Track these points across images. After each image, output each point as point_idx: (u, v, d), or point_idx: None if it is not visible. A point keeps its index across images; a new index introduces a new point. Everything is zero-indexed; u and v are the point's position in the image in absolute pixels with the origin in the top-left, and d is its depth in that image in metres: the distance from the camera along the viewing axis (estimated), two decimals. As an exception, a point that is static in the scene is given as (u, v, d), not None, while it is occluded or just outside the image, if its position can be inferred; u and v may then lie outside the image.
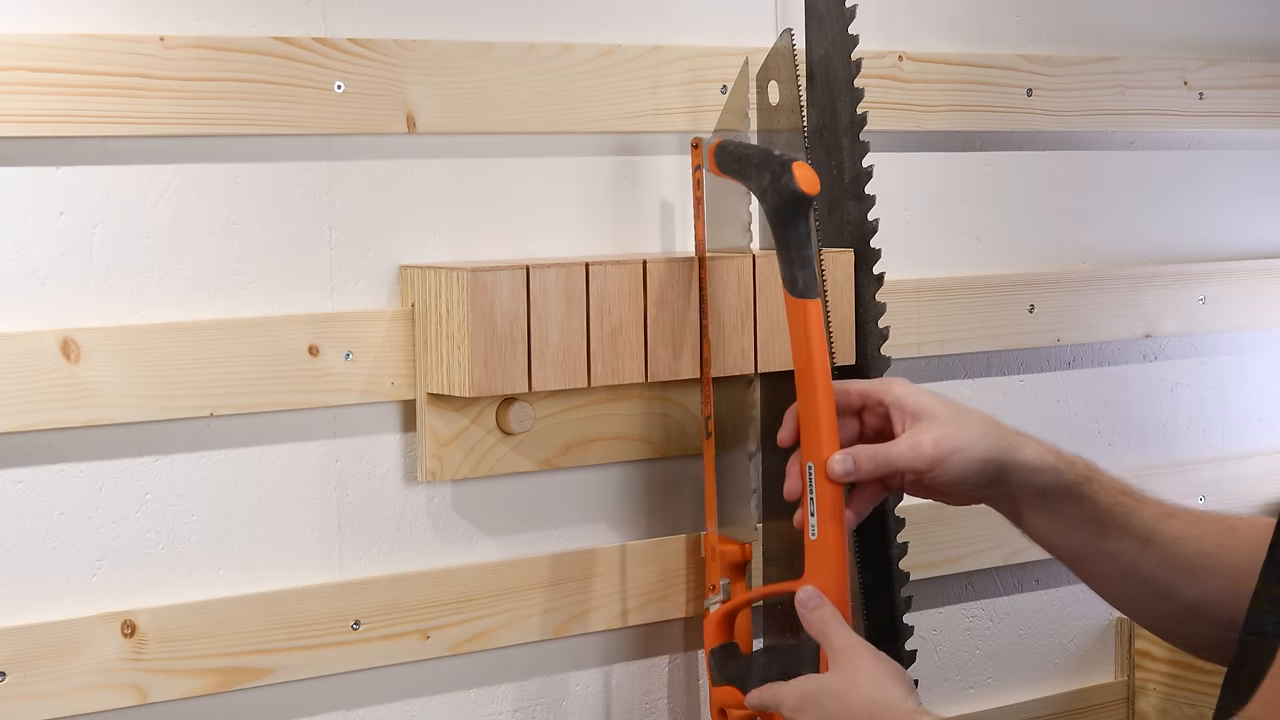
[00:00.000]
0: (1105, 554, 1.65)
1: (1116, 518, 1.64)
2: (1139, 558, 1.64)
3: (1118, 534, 1.64)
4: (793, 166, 1.60)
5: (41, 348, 1.49)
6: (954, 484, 1.63)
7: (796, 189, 1.60)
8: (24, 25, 1.49)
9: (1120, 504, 1.65)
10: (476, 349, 1.62)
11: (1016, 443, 1.64)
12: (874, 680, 1.56)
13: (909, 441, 1.62)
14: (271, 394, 1.60)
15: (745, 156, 1.66)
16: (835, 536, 1.61)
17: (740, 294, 1.76)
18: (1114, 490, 1.65)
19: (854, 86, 1.84)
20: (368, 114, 1.63)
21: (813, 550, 1.62)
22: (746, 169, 1.66)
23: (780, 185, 1.61)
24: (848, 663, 1.58)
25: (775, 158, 1.62)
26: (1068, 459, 1.65)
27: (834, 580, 1.61)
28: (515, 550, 1.75)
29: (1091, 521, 1.64)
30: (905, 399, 1.65)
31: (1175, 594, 1.64)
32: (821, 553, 1.61)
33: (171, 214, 1.57)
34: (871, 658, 1.58)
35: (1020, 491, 1.64)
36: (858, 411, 1.68)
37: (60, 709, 1.51)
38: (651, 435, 1.80)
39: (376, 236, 1.66)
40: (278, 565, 1.63)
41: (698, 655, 1.86)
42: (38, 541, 1.52)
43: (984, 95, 2.02)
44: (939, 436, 1.61)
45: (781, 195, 1.61)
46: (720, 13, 1.85)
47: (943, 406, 1.64)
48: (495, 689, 1.76)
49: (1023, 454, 1.63)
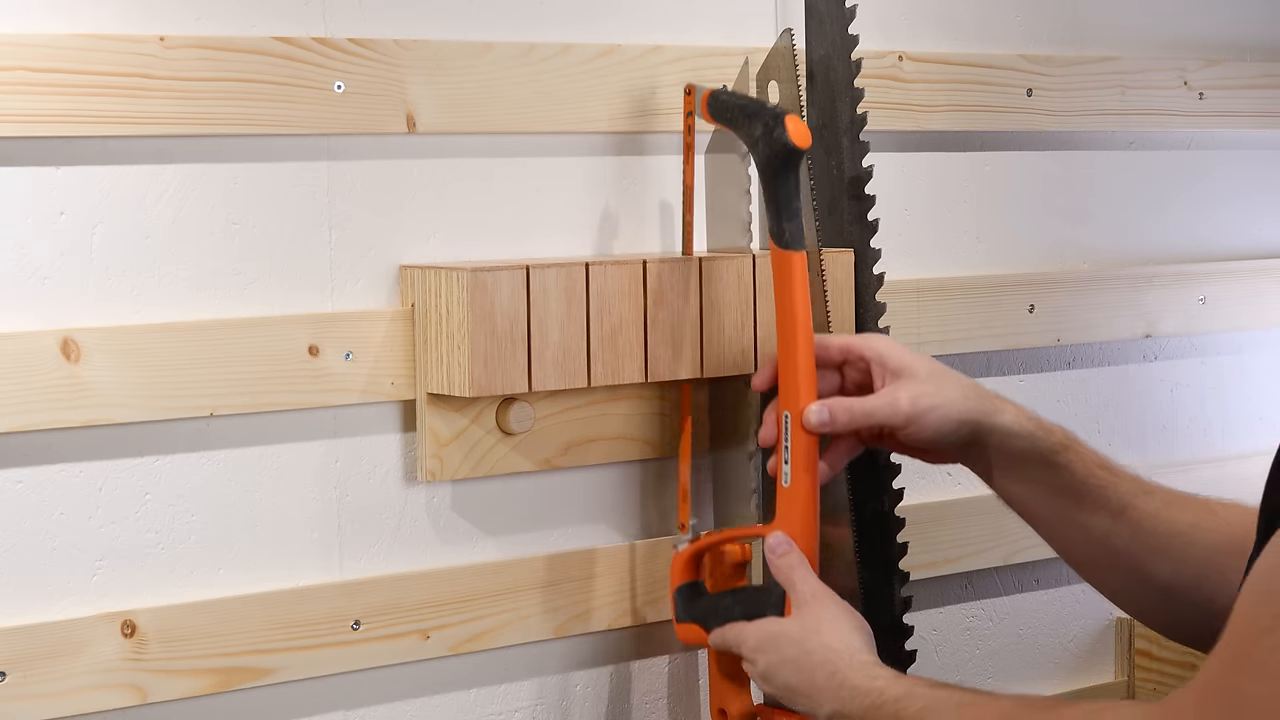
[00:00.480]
0: (1079, 525, 1.65)
1: (1092, 489, 1.64)
2: (1111, 531, 1.64)
3: (1092, 506, 1.64)
4: (785, 119, 1.61)
5: (41, 348, 1.49)
6: (930, 442, 1.64)
7: (788, 141, 1.61)
8: (24, 25, 1.49)
9: (1096, 476, 1.65)
10: (476, 349, 1.62)
11: (995, 406, 1.65)
12: (835, 629, 1.57)
13: (886, 397, 1.63)
14: (271, 394, 1.60)
15: (738, 106, 1.67)
16: (807, 485, 1.64)
17: (740, 294, 1.76)
18: (1091, 462, 1.66)
19: (854, 86, 1.84)
20: (368, 114, 1.63)
21: (784, 497, 1.64)
22: (738, 119, 1.67)
23: (772, 137, 1.62)
24: (811, 610, 1.59)
25: (768, 109, 1.63)
26: (1047, 426, 1.66)
27: (803, 528, 1.64)
28: (515, 550, 1.75)
29: (1067, 491, 1.65)
30: (887, 355, 1.66)
31: (1148, 571, 1.64)
32: (792, 500, 1.64)
33: (171, 214, 1.57)
34: (836, 607, 1.59)
35: (996, 455, 1.65)
36: (839, 366, 1.69)
37: (60, 709, 1.51)
38: (651, 435, 1.80)
39: (376, 236, 1.66)
40: (278, 565, 1.63)
41: (697, 655, 1.86)
42: (38, 541, 1.52)
43: (984, 95, 2.02)
44: (917, 394, 1.63)
45: (773, 147, 1.62)
46: (720, 13, 1.85)
47: (924, 365, 1.65)
48: (495, 689, 1.76)
49: (1001, 417, 1.64)
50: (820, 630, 1.57)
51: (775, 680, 1.59)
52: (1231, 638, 1.23)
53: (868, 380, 1.67)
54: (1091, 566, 1.69)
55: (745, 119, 1.65)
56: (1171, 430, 2.24)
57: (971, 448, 1.65)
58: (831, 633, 1.57)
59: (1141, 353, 2.22)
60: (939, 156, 2.02)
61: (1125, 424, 2.20)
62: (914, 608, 1.89)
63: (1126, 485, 1.65)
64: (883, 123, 1.92)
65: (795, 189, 1.63)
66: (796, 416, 1.63)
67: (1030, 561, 2.09)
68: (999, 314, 2.04)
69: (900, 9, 1.98)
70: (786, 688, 1.58)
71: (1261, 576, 1.22)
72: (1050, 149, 2.12)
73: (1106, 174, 2.17)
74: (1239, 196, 2.29)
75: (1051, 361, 2.14)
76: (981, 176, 2.06)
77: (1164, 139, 2.21)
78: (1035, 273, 2.08)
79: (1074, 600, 2.16)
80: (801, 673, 1.57)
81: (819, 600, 1.60)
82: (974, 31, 2.04)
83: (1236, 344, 2.29)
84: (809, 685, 1.56)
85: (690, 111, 1.75)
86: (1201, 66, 2.19)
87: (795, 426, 1.63)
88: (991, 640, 2.11)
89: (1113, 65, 2.12)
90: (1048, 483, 1.65)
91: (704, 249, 1.84)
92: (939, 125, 1.99)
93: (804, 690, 1.56)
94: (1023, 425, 1.65)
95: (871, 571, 1.85)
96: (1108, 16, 2.15)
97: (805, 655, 1.56)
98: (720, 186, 1.81)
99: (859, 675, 1.53)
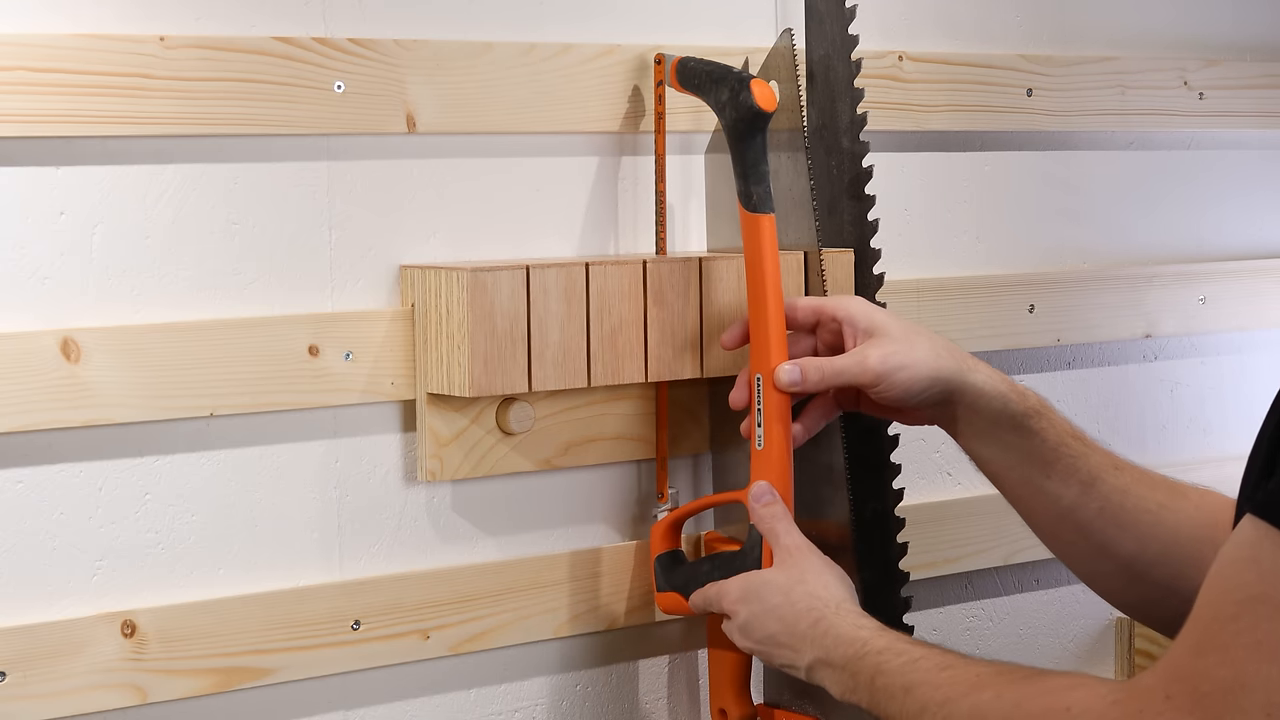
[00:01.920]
0: (1046, 494, 1.65)
1: (1062, 458, 1.64)
2: (1078, 503, 1.64)
3: (1060, 475, 1.65)
4: (750, 83, 1.63)
5: (41, 348, 1.49)
6: (900, 400, 1.65)
7: (754, 105, 1.63)
8: (24, 25, 1.49)
9: (1068, 445, 1.65)
10: (476, 349, 1.62)
11: (968, 365, 1.65)
12: (820, 578, 1.58)
13: (856, 356, 1.64)
14: (271, 394, 1.60)
15: (704, 72, 1.69)
16: (781, 446, 1.65)
17: (740, 294, 1.76)
18: (1064, 431, 1.66)
19: (854, 86, 1.84)
20: (368, 114, 1.63)
21: (759, 459, 1.66)
22: (705, 84, 1.68)
23: (738, 101, 1.63)
24: (795, 560, 1.60)
25: (734, 74, 1.65)
26: (1020, 390, 1.66)
27: (779, 490, 1.65)
28: (515, 550, 1.75)
29: (1036, 457, 1.65)
30: (858, 315, 1.66)
31: (1111, 546, 1.64)
32: (767, 461, 1.65)
33: (171, 214, 1.57)
34: (819, 559, 1.60)
35: (968, 414, 1.65)
36: (812, 328, 1.70)
37: (60, 709, 1.51)
38: (651, 435, 1.80)
39: (376, 236, 1.66)
40: (278, 565, 1.63)
41: (697, 655, 1.86)
42: (38, 541, 1.52)
43: (984, 95, 2.02)
44: (887, 353, 1.63)
45: (739, 111, 1.64)
46: (720, 13, 1.85)
47: (896, 325, 1.65)
48: (495, 689, 1.76)
49: (973, 376, 1.65)
50: (805, 579, 1.57)
51: (756, 631, 1.59)
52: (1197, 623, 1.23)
53: (840, 342, 1.68)
54: (1056, 537, 1.69)
55: (712, 84, 1.67)
56: (1171, 430, 2.24)
57: (943, 406, 1.66)
58: (816, 581, 1.57)
59: (1141, 353, 2.22)
60: (939, 156, 2.02)
61: (1125, 424, 2.20)
62: (914, 608, 1.89)
63: (1098, 458, 1.65)
64: (883, 123, 1.92)
65: (763, 152, 1.65)
66: (768, 377, 1.65)
67: (1030, 561, 2.09)
68: (999, 314, 2.04)
69: (900, 9, 1.98)
70: (769, 638, 1.58)
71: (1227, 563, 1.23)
72: (1050, 149, 2.12)
73: (1107, 174, 2.17)
74: (1239, 196, 2.29)
75: (1051, 361, 2.14)
76: (981, 176, 2.06)
77: (1164, 139, 2.21)
78: (1035, 273, 2.08)
79: (1074, 600, 2.16)
80: (784, 621, 1.57)
81: (802, 551, 1.61)
82: (974, 31, 2.04)
83: (1236, 344, 2.29)
84: (790, 634, 1.56)
85: (660, 80, 1.76)
86: (1201, 66, 2.19)
87: (767, 388, 1.65)
88: (991, 640, 2.11)
89: (1112, 65, 2.12)
90: (1018, 447, 1.65)
91: (704, 249, 1.84)
92: (939, 125, 1.99)
93: (785, 640, 1.56)
94: (995, 386, 1.65)
95: (871, 571, 1.85)
96: (1108, 16, 2.15)
97: (789, 604, 1.57)
98: (720, 186, 1.81)
99: (844, 624, 1.53)
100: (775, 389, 1.65)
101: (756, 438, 1.66)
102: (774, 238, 1.65)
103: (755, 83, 1.63)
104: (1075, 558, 1.69)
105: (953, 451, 2.00)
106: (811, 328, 1.70)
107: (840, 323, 1.67)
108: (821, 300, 1.70)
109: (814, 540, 1.64)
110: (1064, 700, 1.31)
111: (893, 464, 1.86)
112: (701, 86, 1.69)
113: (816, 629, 1.54)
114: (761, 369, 1.65)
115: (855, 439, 1.79)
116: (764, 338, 1.65)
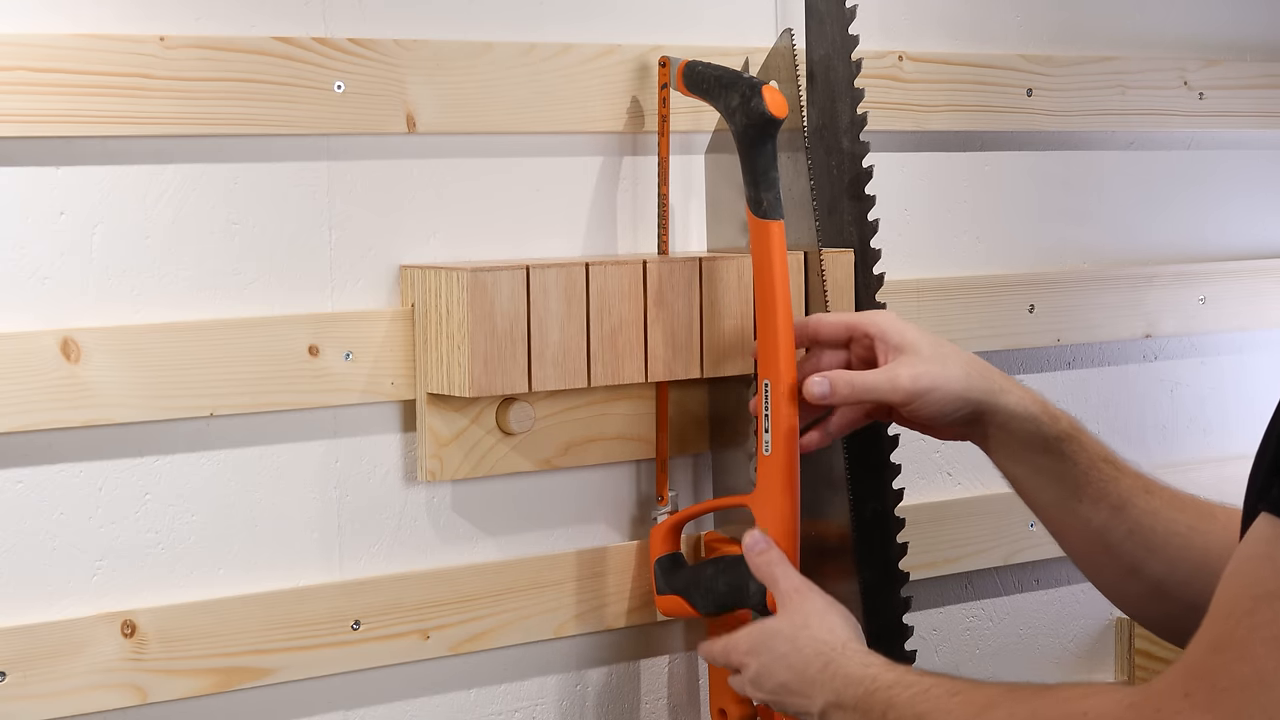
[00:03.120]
0: (1076, 516, 1.65)
1: (1092, 482, 1.64)
2: (1108, 526, 1.64)
3: (1091, 499, 1.64)
4: (762, 89, 1.63)
5: (41, 348, 1.49)
6: (932, 419, 1.65)
7: (765, 111, 1.62)
8: (24, 25, 1.49)
9: (1099, 469, 1.65)
10: (476, 349, 1.62)
11: (1000, 386, 1.65)
12: (823, 621, 1.57)
13: (887, 374, 1.64)
14: (271, 394, 1.60)
15: (713, 76, 1.68)
16: (788, 454, 1.65)
17: (740, 294, 1.76)
18: (1095, 455, 1.65)
19: (854, 86, 1.84)
20: (368, 114, 1.63)
21: (765, 465, 1.66)
22: (714, 89, 1.67)
23: (750, 107, 1.63)
24: (796, 605, 1.59)
25: (745, 79, 1.64)
26: (1053, 412, 1.65)
27: (784, 495, 1.65)
28: (515, 550, 1.75)
29: (1066, 481, 1.65)
30: (889, 331, 1.66)
31: (1142, 568, 1.64)
32: (773, 468, 1.65)
33: (171, 214, 1.57)
34: (820, 600, 1.60)
35: (999, 435, 1.65)
36: (845, 343, 1.69)
37: (60, 709, 1.51)
38: (651, 435, 1.80)
39: (376, 236, 1.66)
40: (278, 565, 1.63)
41: (698, 656, 1.86)
42: (38, 541, 1.52)
43: (984, 95, 2.02)
44: (918, 373, 1.63)
45: (750, 117, 1.63)
46: (720, 13, 1.85)
47: (927, 342, 1.65)
48: (495, 689, 1.76)
49: (1005, 398, 1.64)
50: (809, 624, 1.57)
51: (768, 682, 1.59)
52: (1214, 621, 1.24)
53: (872, 356, 1.67)
54: (1086, 557, 1.69)
55: (722, 89, 1.66)
56: (1171, 430, 2.24)
57: (974, 425, 1.65)
58: (820, 625, 1.57)
59: (1141, 353, 2.22)
60: (939, 156, 2.02)
61: (1125, 424, 2.20)
62: (914, 608, 1.89)
63: (1129, 481, 1.65)
64: (883, 123, 1.92)
65: (773, 158, 1.64)
66: (776, 384, 1.64)
67: (1030, 561, 2.09)
68: (999, 314, 2.04)
69: (900, 9, 1.98)
70: (781, 687, 1.58)
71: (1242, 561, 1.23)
72: (1050, 149, 2.12)
73: (1106, 174, 2.17)
74: (1239, 196, 2.29)
75: (1051, 361, 2.14)
76: (981, 176, 2.06)
77: (1164, 139, 2.21)
78: (1035, 273, 2.08)
79: (1074, 600, 2.16)
80: (793, 669, 1.56)
81: (803, 595, 1.60)
82: (974, 31, 2.04)
83: (1236, 344, 2.29)
84: (801, 680, 1.56)
85: (665, 84, 1.76)
86: (1201, 66, 2.19)
87: (775, 395, 1.64)
88: (991, 640, 2.11)
89: (1113, 65, 2.12)
90: (1049, 470, 1.65)
91: (704, 249, 1.84)
92: (939, 125, 1.99)
93: (797, 686, 1.56)
94: (1027, 408, 1.64)
95: (871, 571, 1.85)
96: (1108, 16, 2.15)
97: (796, 651, 1.56)
98: (720, 186, 1.81)
99: (852, 664, 1.53)
100: (783, 397, 1.64)
101: (763, 444, 1.65)
102: (784, 244, 1.64)
103: (767, 89, 1.62)
104: (1105, 578, 1.69)
105: (953, 451, 2.00)
106: (844, 343, 1.69)
107: (872, 338, 1.67)
108: (851, 315, 1.70)
109: (814, 540, 1.64)
110: (1080, 706, 1.31)
111: (893, 464, 1.86)
112: (710, 91, 1.68)
113: (825, 672, 1.54)
114: (770, 376, 1.65)
115: (855, 439, 1.79)
116: (773, 345, 1.64)
